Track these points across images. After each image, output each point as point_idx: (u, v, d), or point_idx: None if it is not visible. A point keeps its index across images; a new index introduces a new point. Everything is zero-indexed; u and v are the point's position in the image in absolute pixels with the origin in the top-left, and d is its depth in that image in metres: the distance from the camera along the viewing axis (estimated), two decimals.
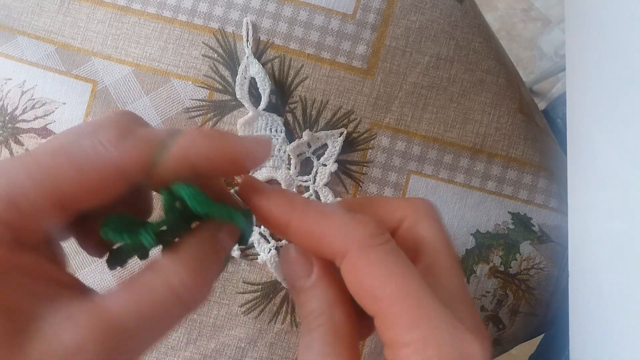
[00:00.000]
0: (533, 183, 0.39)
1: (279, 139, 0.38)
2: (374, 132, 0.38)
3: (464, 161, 0.39)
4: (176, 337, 0.38)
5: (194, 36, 0.38)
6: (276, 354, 0.38)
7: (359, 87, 0.38)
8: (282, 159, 0.38)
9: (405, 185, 0.38)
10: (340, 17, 0.38)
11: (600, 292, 0.32)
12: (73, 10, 0.39)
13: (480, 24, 0.39)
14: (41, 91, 0.39)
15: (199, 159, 0.17)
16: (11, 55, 0.39)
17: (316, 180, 0.38)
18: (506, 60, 0.41)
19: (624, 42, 0.30)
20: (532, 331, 0.41)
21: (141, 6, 0.39)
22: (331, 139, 0.38)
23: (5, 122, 0.39)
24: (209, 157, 0.18)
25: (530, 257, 0.39)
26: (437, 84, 0.39)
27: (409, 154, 0.38)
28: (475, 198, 0.39)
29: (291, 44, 0.38)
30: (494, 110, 0.39)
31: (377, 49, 0.38)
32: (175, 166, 0.17)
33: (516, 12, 1.12)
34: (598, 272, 0.33)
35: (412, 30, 0.38)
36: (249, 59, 0.38)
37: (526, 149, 0.39)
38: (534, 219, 0.39)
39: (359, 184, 0.38)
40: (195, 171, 0.18)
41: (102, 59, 0.39)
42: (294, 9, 0.38)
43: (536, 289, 0.39)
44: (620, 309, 0.30)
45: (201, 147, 0.17)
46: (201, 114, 0.38)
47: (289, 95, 0.38)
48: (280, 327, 0.38)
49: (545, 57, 1.11)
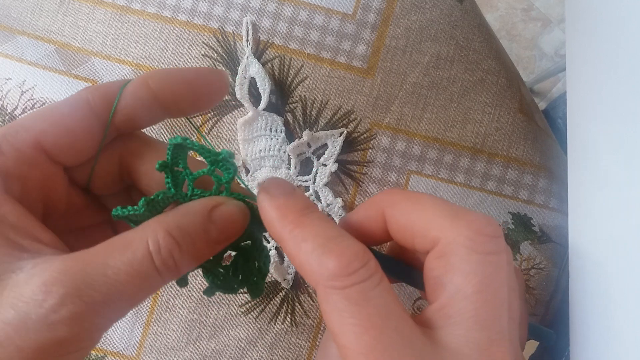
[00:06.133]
0: (533, 183, 0.39)
1: (279, 139, 0.38)
2: (374, 132, 0.38)
3: (464, 161, 0.39)
4: (176, 337, 0.38)
5: (193, 36, 0.38)
6: (276, 354, 0.38)
7: (359, 87, 0.38)
8: (282, 159, 0.38)
9: (406, 186, 0.38)
10: (340, 17, 0.38)
11: (600, 292, 0.32)
12: (73, 10, 0.39)
13: (481, 23, 0.39)
14: (41, 91, 0.39)
15: (158, 86, 0.19)
16: (11, 55, 0.39)
17: (316, 180, 0.38)
18: (506, 60, 0.41)
19: (624, 42, 0.30)
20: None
21: (141, 6, 0.39)
22: (331, 138, 0.38)
23: (5, 122, 0.39)
24: (165, 84, 0.19)
25: (530, 257, 0.39)
26: (437, 84, 0.39)
27: (409, 154, 0.38)
28: (475, 198, 0.39)
29: (291, 44, 0.38)
30: (494, 110, 0.39)
31: (377, 48, 0.38)
32: (137, 97, 0.19)
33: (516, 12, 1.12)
34: (598, 272, 0.33)
35: (412, 30, 0.38)
36: (249, 58, 0.38)
37: (526, 149, 0.39)
38: (534, 219, 0.39)
39: (359, 184, 0.38)
40: (158, 103, 0.19)
41: (102, 59, 0.39)
42: (294, 8, 0.38)
43: (536, 289, 0.39)
44: (621, 309, 0.30)
45: (157, 77, 0.19)
46: (201, 113, 0.38)
47: (289, 95, 0.38)
48: (280, 327, 0.38)
49: (546, 57, 1.11)
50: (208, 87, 0.20)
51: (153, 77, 0.19)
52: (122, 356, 0.38)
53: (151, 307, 0.38)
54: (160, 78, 0.19)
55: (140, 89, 0.19)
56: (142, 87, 0.19)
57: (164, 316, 0.38)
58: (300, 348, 0.38)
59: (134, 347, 0.38)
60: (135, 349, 0.38)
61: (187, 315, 0.38)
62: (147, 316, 0.38)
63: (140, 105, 0.19)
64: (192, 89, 0.19)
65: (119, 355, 0.38)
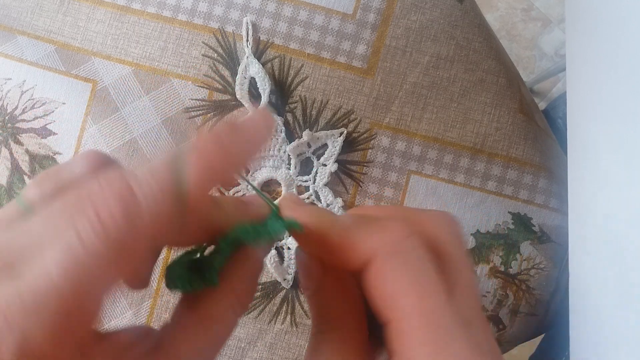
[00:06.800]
0: (533, 183, 0.39)
1: (279, 138, 0.38)
2: (374, 132, 0.38)
3: (464, 161, 0.39)
4: None
5: (193, 36, 0.38)
6: (276, 354, 0.38)
7: (359, 87, 0.38)
8: (282, 159, 0.38)
9: (406, 185, 0.38)
10: (340, 17, 0.38)
11: (600, 292, 0.32)
12: (73, 10, 0.39)
13: (481, 23, 0.39)
14: (41, 91, 0.39)
15: (220, 166, 0.16)
16: (11, 55, 0.39)
17: (316, 180, 0.38)
18: (506, 60, 0.41)
19: (624, 42, 0.30)
20: (532, 331, 0.41)
21: (141, 6, 0.39)
22: (331, 138, 0.38)
23: (5, 122, 0.39)
24: (227, 161, 0.16)
25: (530, 257, 0.39)
26: (437, 84, 0.39)
27: (409, 154, 0.38)
28: (475, 198, 0.39)
29: (291, 44, 0.38)
30: (494, 110, 0.39)
31: (377, 48, 0.38)
32: (200, 184, 0.15)
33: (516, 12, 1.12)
34: (598, 272, 0.33)
35: (412, 30, 0.38)
36: (249, 58, 0.38)
37: (526, 149, 0.39)
38: (534, 219, 0.39)
39: (359, 184, 0.38)
40: (217, 178, 0.16)
41: (101, 59, 0.39)
42: (294, 8, 0.38)
43: (536, 289, 0.39)
44: (620, 309, 0.30)
45: (216, 155, 0.15)
46: (201, 113, 0.38)
47: (289, 95, 0.38)
48: (280, 327, 0.38)
49: (546, 57, 1.11)
50: (264, 140, 0.18)
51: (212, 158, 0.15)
52: None
53: (151, 307, 0.38)
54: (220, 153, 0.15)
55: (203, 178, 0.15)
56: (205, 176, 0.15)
57: (164, 316, 0.38)
58: (300, 348, 0.38)
59: None
60: None
61: None
62: (147, 316, 0.38)
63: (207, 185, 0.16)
64: (252, 152, 0.17)
65: None
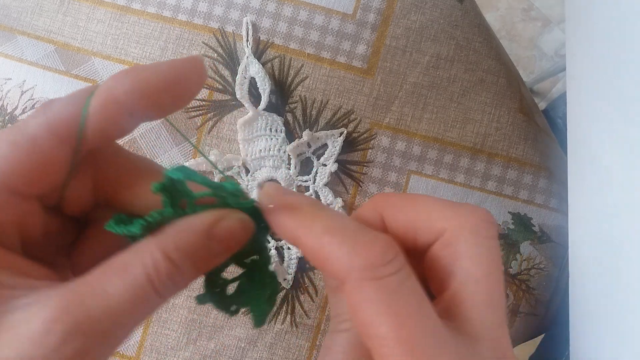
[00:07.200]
0: (533, 183, 0.39)
1: (279, 138, 0.38)
2: (374, 132, 0.38)
3: (464, 161, 0.39)
4: (176, 337, 0.38)
5: (193, 36, 0.38)
6: (276, 354, 0.38)
7: (359, 87, 0.38)
8: (282, 159, 0.38)
9: (406, 186, 0.38)
10: (340, 17, 0.38)
11: (600, 292, 0.32)
12: (73, 10, 0.39)
13: (481, 23, 0.39)
14: (41, 91, 0.39)
15: (128, 95, 0.16)
16: (11, 55, 0.39)
17: (316, 180, 0.38)
18: (506, 60, 0.41)
19: (624, 42, 0.30)
20: (532, 331, 0.41)
21: (141, 6, 0.39)
22: (331, 138, 0.38)
23: (4, 122, 0.39)
24: (136, 90, 0.16)
25: (530, 257, 0.39)
26: (437, 84, 0.39)
27: (409, 154, 0.38)
28: (475, 198, 0.39)
29: (291, 44, 0.38)
30: (494, 110, 0.39)
31: (377, 48, 0.38)
32: (106, 112, 0.16)
33: (516, 12, 1.12)
34: (598, 272, 0.33)
35: (412, 30, 0.38)
36: (249, 58, 0.38)
37: (526, 149, 0.39)
38: (534, 219, 0.39)
39: (359, 184, 0.38)
40: (131, 112, 0.17)
41: (101, 59, 0.39)
42: (294, 8, 0.38)
43: (536, 289, 0.39)
44: (620, 309, 0.30)
45: (125, 83, 0.16)
46: (201, 113, 0.38)
47: (289, 95, 0.38)
48: (280, 327, 0.38)
49: (545, 57, 1.11)
50: (186, 82, 0.17)
51: (119, 87, 0.16)
52: (122, 356, 0.38)
53: None
54: (130, 85, 0.16)
55: (107, 105, 0.16)
56: (109, 103, 0.16)
57: (164, 316, 0.38)
58: (300, 348, 0.38)
59: (134, 347, 0.38)
60: (135, 349, 0.38)
61: (187, 316, 0.38)
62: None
63: (111, 120, 0.17)
64: (167, 88, 0.17)
65: (119, 355, 0.38)
